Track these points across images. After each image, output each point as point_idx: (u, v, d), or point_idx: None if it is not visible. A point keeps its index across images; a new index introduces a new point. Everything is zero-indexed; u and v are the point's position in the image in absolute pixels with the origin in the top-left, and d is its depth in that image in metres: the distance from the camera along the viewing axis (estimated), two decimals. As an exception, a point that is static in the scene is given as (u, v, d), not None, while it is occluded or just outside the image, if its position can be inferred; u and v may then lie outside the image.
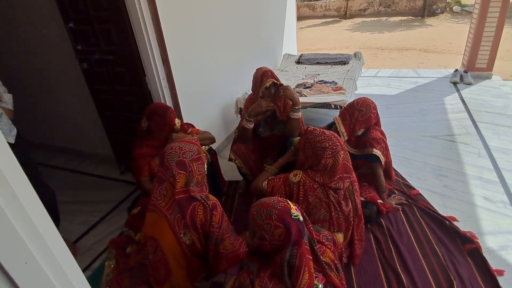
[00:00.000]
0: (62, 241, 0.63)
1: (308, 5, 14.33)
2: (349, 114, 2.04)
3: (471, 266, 1.66)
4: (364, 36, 9.56)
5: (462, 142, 2.78)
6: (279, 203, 1.23)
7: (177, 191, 1.42)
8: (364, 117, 2.00)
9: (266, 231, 1.17)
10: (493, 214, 1.99)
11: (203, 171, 1.51)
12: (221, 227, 1.43)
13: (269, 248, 1.19)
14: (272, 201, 1.23)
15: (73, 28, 2.30)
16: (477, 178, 2.31)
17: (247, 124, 2.09)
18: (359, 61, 3.97)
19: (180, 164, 1.44)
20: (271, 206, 1.21)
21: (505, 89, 3.87)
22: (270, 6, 4.09)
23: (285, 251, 1.15)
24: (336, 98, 2.82)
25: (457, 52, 6.57)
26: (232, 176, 2.57)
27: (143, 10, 1.99)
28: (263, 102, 2.06)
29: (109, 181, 2.75)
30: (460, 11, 11.25)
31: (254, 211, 1.23)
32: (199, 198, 1.43)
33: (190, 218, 1.40)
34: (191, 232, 1.41)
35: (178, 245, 1.40)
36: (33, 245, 0.56)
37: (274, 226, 1.17)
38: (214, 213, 1.41)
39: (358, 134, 2.03)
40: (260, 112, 2.08)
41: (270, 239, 1.17)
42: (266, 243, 1.19)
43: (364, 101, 2.02)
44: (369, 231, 1.92)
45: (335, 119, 2.09)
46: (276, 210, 1.19)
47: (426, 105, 3.61)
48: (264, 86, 2.06)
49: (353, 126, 2.03)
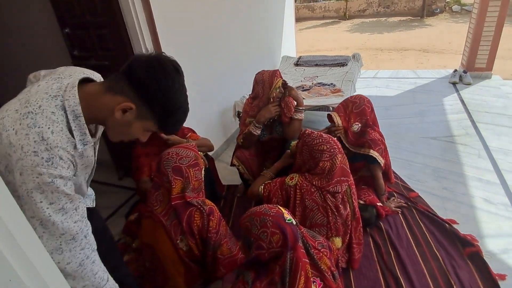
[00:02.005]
0: (47, 255, 0.62)
1: (307, 6, 14.35)
2: (344, 107, 2.07)
3: (472, 270, 1.64)
4: (363, 37, 9.56)
5: (462, 143, 2.76)
6: (270, 209, 1.22)
7: (173, 197, 1.41)
8: (358, 109, 2.01)
9: (263, 239, 1.16)
10: (494, 216, 1.96)
11: (200, 177, 1.50)
12: (218, 232, 1.43)
13: (267, 256, 1.17)
14: (263, 209, 1.22)
15: (69, 33, 2.29)
16: (477, 180, 2.29)
17: (256, 130, 2.09)
18: (358, 62, 3.96)
19: (176, 170, 1.43)
20: (263, 214, 1.20)
21: (505, 88, 3.85)
22: (268, 8, 4.08)
23: (284, 256, 1.14)
24: (334, 100, 2.81)
25: (456, 52, 6.55)
26: (231, 181, 2.56)
27: (139, 15, 1.98)
28: (272, 107, 2.06)
29: (107, 186, 2.74)
30: (460, 10, 11.24)
31: (246, 223, 1.22)
32: (196, 204, 1.42)
33: (187, 224, 1.39)
34: (188, 238, 1.40)
35: (175, 252, 1.39)
36: (15, 261, 0.55)
37: (270, 233, 1.16)
38: (211, 218, 1.40)
39: (354, 129, 2.02)
40: (270, 117, 2.08)
41: (267, 247, 1.16)
42: (263, 252, 1.17)
43: (358, 95, 2.08)
44: (368, 235, 1.91)
45: (332, 113, 2.10)
46: (270, 217, 1.18)
47: (426, 106, 3.59)
48: (276, 86, 2.05)
49: (348, 118, 2.04)
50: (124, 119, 0.87)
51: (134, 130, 0.92)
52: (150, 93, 0.85)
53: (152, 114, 0.89)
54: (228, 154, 3.01)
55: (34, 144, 0.75)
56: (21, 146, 0.74)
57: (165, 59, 0.88)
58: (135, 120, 0.89)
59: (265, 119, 2.07)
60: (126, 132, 0.92)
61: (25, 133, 0.75)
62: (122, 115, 0.86)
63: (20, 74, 2.95)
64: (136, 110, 0.86)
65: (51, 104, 0.81)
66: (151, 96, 0.86)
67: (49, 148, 0.76)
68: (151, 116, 0.89)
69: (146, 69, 0.85)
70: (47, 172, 0.76)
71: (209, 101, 2.84)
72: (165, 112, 0.90)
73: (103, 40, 2.19)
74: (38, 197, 0.77)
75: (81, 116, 0.84)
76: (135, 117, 0.88)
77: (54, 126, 0.79)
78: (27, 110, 0.78)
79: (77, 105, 0.83)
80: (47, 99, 0.81)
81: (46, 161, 0.76)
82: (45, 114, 0.79)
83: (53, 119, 0.79)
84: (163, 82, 0.86)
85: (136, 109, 0.86)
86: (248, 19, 3.51)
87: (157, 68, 0.85)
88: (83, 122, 0.85)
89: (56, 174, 0.77)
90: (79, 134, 0.85)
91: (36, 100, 0.80)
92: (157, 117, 0.90)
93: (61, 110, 0.82)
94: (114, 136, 0.95)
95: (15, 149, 0.75)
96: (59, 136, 0.79)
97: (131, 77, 0.85)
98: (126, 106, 0.84)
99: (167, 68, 0.87)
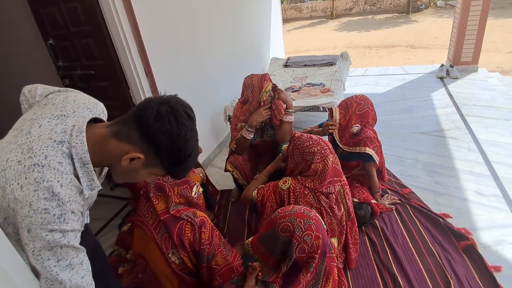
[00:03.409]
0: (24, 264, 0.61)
1: (294, 7, 14.42)
2: (347, 105, 2.05)
3: (467, 263, 1.65)
4: (351, 35, 9.63)
5: (452, 137, 2.79)
6: (310, 212, 1.19)
7: (160, 212, 1.39)
8: (361, 111, 2.00)
9: (307, 242, 1.13)
10: (486, 208, 1.98)
11: (188, 195, 1.46)
12: (211, 243, 1.39)
13: (305, 260, 1.14)
14: (304, 211, 1.19)
15: (53, 44, 2.26)
16: (468, 173, 2.31)
17: (248, 134, 2.08)
18: (346, 61, 3.98)
19: (158, 187, 1.41)
20: (306, 216, 1.17)
21: (492, 81, 3.91)
22: (254, 11, 4.08)
23: (317, 263, 1.11)
24: (324, 100, 2.82)
25: (443, 47, 6.64)
26: (224, 186, 2.54)
27: (122, 23, 1.96)
28: (263, 111, 2.06)
29: (99, 197, 2.68)
30: (444, 6, 11.41)
31: (287, 223, 1.17)
32: (185, 217, 1.38)
33: (178, 237, 1.35)
34: (180, 251, 1.36)
35: (167, 265, 1.36)
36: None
37: (314, 237, 1.13)
38: (203, 230, 1.37)
39: (353, 131, 2.01)
40: (262, 120, 2.08)
41: (309, 251, 1.13)
42: (303, 256, 1.13)
43: (363, 96, 2.04)
44: (364, 233, 1.91)
45: (334, 108, 2.09)
46: (313, 220, 1.15)
47: (415, 101, 3.62)
48: (266, 89, 2.05)
49: (349, 118, 2.02)
50: (131, 167, 0.83)
51: (141, 176, 0.89)
52: (161, 145, 0.81)
53: (160, 162, 0.85)
54: (221, 158, 2.99)
55: (44, 201, 0.71)
56: (30, 203, 0.70)
57: (177, 105, 0.83)
58: (142, 167, 0.85)
59: (257, 123, 2.07)
60: (132, 177, 0.89)
61: (33, 189, 0.71)
62: (129, 163, 0.82)
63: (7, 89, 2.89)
64: (145, 159, 0.82)
65: (57, 153, 0.76)
66: (161, 147, 0.81)
67: (61, 204, 0.73)
68: (160, 163, 0.85)
69: (158, 118, 0.79)
70: (59, 228, 0.73)
71: (199, 106, 2.82)
72: (175, 162, 0.86)
73: (87, 50, 2.16)
74: (46, 254, 0.73)
75: (89, 163, 0.79)
76: (142, 165, 0.84)
77: (63, 179, 0.75)
78: (32, 162, 0.73)
79: (85, 153, 0.78)
80: (52, 146, 0.76)
81: (58, 217, 0.72)
82: (52, 166, 0.74)
83: (61, 171, 0.75)
84: (175, 133, 0.81)
85: (145, 158, 0.82)
86: (234, 22, 3.50)
87: (170, 118, 0.80)
88: (91, 169, 0.81)
89: (68, 229, 0.74)
90: (86, 180, 0.81)
91: (40, 148, 0.75)
92: (166, 166, 0.87)
93: (67, 158, 0.77)
94: (119, 179, 0.91)
95: (22, 205, 0.70)
96: (69, 188, 0.75)
97: (141, 126, 0.80)
98: (134, 156, 0.80)
99: (180, 117, 0.82)
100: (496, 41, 6.44)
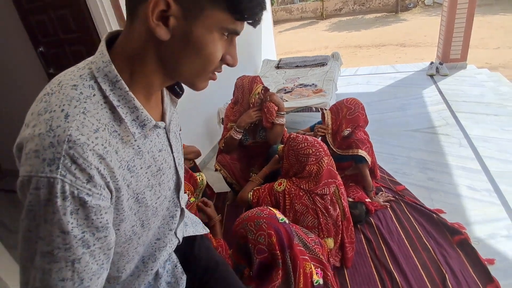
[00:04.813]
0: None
1: (284, 8, 14.49)
2: (337, 109, 2.08)
3: (462, 258, 1.68)
4: (341, 35, 9.71)
5: (443, 134, 2.83)
6: (262, 211, 1.21)
7: None
8: (352, 116, 2.02)
9: (262, 243, 1.15)
10: (479, 203, 2.01)
11: None
12: None
13: (270, 258, 1.16)
14: (255, 212, 1.22)
15: (43, 52, 2.25)
16: (460, 168, 2.34)
17: (236, 135, 2.09)
18: (337, 61, 4.01)
19: None
20: (257, 217, 1.19)
21: (481, 77, 3.97)
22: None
23: (283, 258, 1.13)
24: (316, 101, 2.84)
25: (432, 44, 6.72)
26: (220, 188, 2.54)
27: (113, 29, 1.96)
28: (252, 112, 2.07)
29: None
30: (432, 4, 11.56)
31: (241, 230, 1.20)
32: None
33: None
34: None
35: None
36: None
37: (268, 235, 1.15)
38: None
39: (345, 134, 2.04)
40: (251, 122, 2.09)
41: (268, 249, 1.15)
42: (266, 255, 1.15)
43: (353, 100, 2.07)
44: (360, 231, 1.92)
45: (326, 112, 2.11)
46: (264, 219, 1.17)
47: (406, 99, 3.67)
48: (256, 92, 2.06)
49: (340, 122, 2.05)
50: (174, 33, 0.53)
51: (204, 43, 0.54)
52: None
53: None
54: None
55: (38, 139, 0.48)
56: (25, 145, 0.49)
57: None
58: (190, 23, 0.52)
59: (246, 123, 2.08)
60: (194, 56, 0.55)
61: (32, 124, 0.50)
62: (165, 28, 0.52)
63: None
64: (178, 4, 0.51)
65: (75, 76, 0.54)
66: None
67: (55, 143, 0.47)
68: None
69: None
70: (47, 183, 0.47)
71: (193, 109, 2.82)
72: None
73: (79, 57, 2.12)
74: (26, 233, 0.49)
75: (120, 80, 0.55)
76: (185, 18, 0.52)
77: (71, 107, 0.50)
78: (43, 93, 0.53)
79: (108, 64, 0.55)
80: (71, 71, 0.56)
81: (48, 164, 0.47)
82: (62, 91, 0.52)
83: (71, 96, 0.51)
84: None
85: (177, 2, 0.51)
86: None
87: None
88: (125, 89, 0.55)
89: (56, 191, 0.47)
90: (126, 110, 0.55)
91: (57, 77, 0.56)
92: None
93: (89, 79, 0.54)
94: (188, 69, 0.58)
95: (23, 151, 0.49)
96: (80, 121, 0.49)
97: None
98: (156, 4, 0.50)
99: None
100: (485, 37, 6.55)
